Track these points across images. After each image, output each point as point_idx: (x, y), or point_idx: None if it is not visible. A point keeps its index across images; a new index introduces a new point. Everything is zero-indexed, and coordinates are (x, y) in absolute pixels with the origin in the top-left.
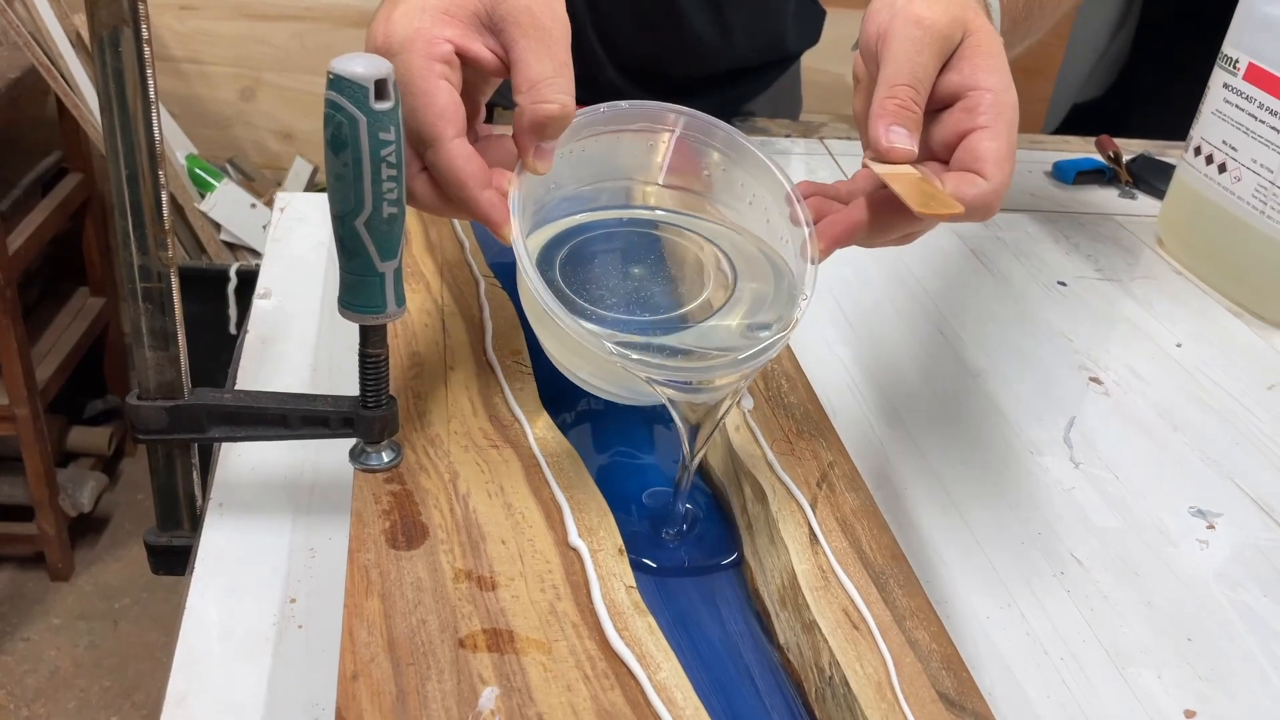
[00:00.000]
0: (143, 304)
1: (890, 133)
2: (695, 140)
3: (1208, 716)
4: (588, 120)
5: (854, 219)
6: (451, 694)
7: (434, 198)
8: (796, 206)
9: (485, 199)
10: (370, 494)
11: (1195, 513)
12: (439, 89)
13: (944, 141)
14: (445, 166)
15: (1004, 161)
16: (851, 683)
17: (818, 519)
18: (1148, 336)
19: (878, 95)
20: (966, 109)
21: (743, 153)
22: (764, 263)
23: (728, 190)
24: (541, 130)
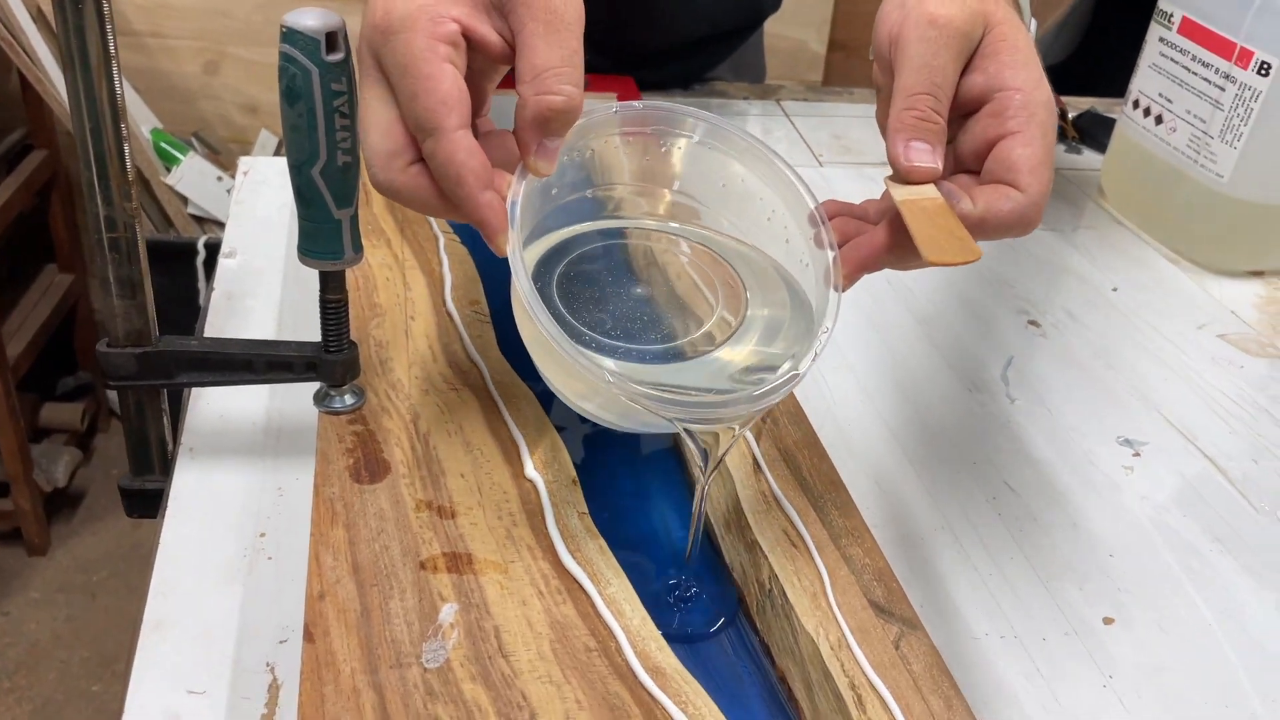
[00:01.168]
0: (109, 253)
1: (910, 150)
2: (714, 149)
3: (1124, 622)
4: (596, 120)
5: (878, 244)
6: (413, 610)
7: (426, 193)
8: (821, 229)
9: (484, 201)
10: (334, 434)
11: (1123, 442)
12: (443, 73)
13: (973, 151)
14: (444, 160)
15: (1040, 169)
16: (789, 594)
17: (761, 450)
18: (1086, 282)
19: (894, 107)
20: (995, 113)
21: (765, 165)
22: (780, 286)
23: (745, 204)
24: (545, 125)
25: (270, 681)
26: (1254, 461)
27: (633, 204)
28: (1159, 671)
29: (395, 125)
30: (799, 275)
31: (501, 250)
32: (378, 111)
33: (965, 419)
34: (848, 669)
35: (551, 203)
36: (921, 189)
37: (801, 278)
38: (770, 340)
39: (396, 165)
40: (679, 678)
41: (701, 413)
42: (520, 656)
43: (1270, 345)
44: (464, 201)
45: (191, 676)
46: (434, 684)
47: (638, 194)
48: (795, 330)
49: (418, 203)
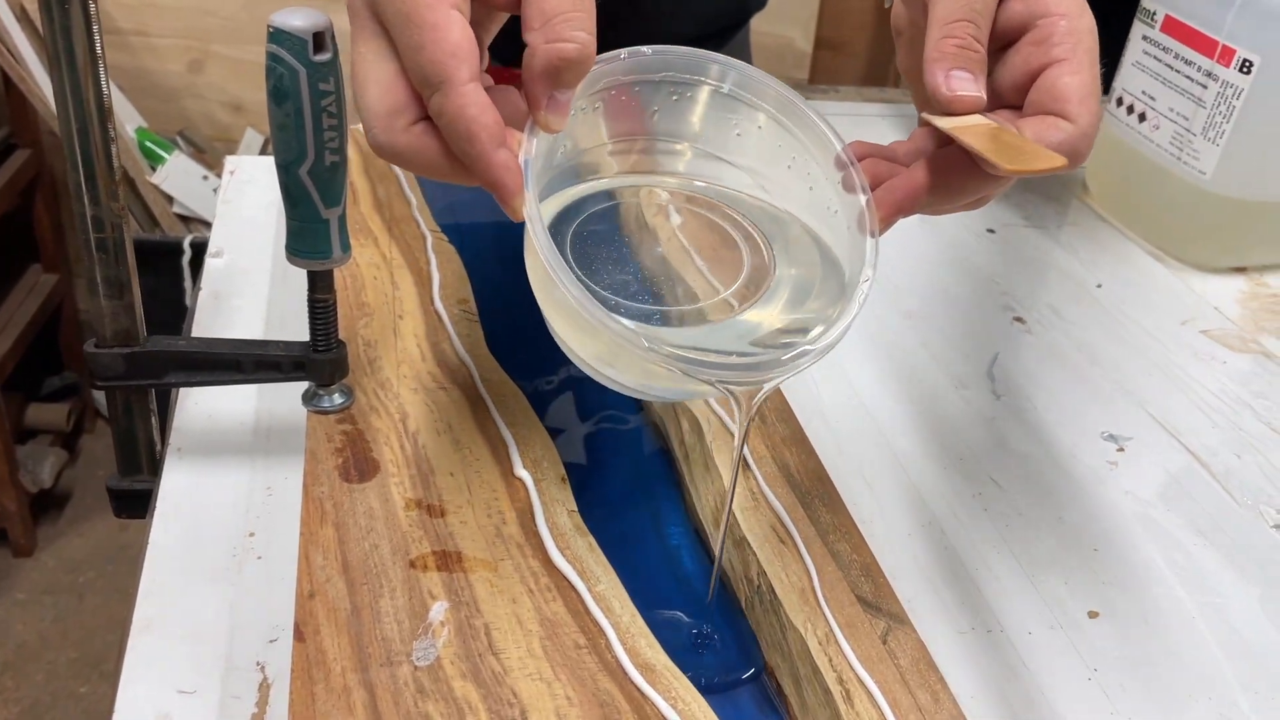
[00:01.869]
0: (97, 254)
1: (952, 78)
2: (728, 93)
3: (1109, 615)
4: (603, 70)
5: (917, 183)
6: (403, 608)
7: (432, 154)
8: (851, 170)
9: (499, 160)
10: (323, 434)
11: (1107, 437)
12: (450, 21)
13: (1014, 83)
14: (455, 115)
15: (1089, 98)
16: (777, 590)
17: (749, 447)
18: (1070, 278)
19: (931, 37)
20: (1037, 41)
21: (783, 107)
22: (805, 240)
23: (762, 150)
24: (557, 75)
25: (261, 680)
26: (1236, 456)
27: (646, 159)
28: (1143, 664)
29: (396, 80)
30: (826, 223)
31: (518, 214)
32: (375, 66)
33: (951, 415)
34: (835, 664)
35: (558, 159)
36: (967, 119)
37: (829, 225)
38: (801, 300)
39: (398, 124)
40: (668, 674)
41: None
42: (510, 654)
43: (1253, 341)
44: (476, 161)
45: (181, 676)
46: (424, 682)
47: (649, 148)
48: (826, 284)
49: (421, 165)
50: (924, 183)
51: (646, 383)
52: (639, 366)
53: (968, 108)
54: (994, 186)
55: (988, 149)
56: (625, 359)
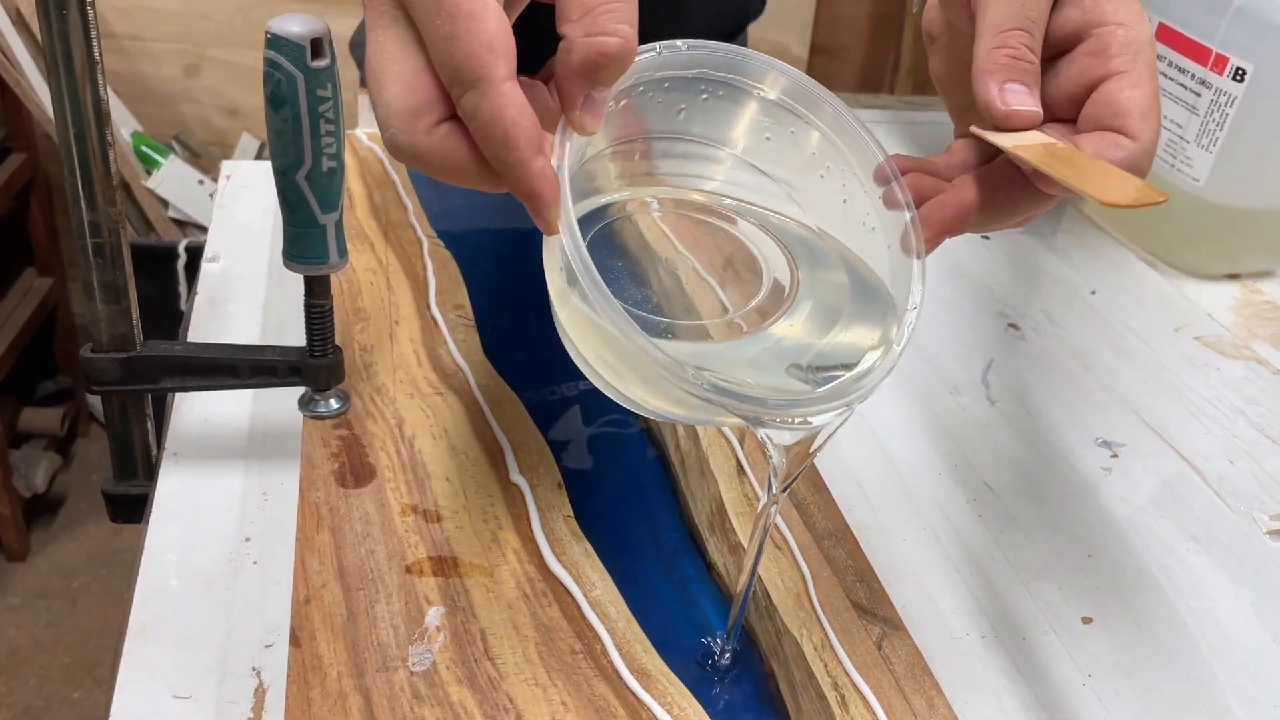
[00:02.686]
0: (94, 259)
1: (1007, 92)
2: (761, 94)
3: (1103, 621)
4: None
5: (966, 201)
6: (400, 614)
7: (459, 158)
8: (894, 185)
9: (537, 168)
10: (319, 439)
11: (1101, 443)
12: (487, 9)
13: (1067, 95)
14: (492, 117)
15: (1151, 113)
16: (773, 595)
17: (744, 452)
18: (1065, 285)
19: (982, 46)
20: (1094, 51)
21: (820, 112)
22: (834, 258)
23: (793, 157)
24: (596, 73)
25: (256, 686)
26: (1230, 462)
27: (669, 163)
28: (1137, 670)
29: (421, 75)
30: (861, 240)
31: (552, 227)
32: (397, 59)
33: (946, 421)
34: (831, 670)
35: (581, 163)
36: (1023, 135)
37: (864, 243)
38: (828, 323)
39: (422, 124)
40: (664, 679)
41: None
42: (506, 659)
43: (1246, 347)
44: (513, 168)
45: (177, 681)
46: (420, 687)
47: (672, 151)
48: (862, 312)
49: (445, 169)
50: (973, 201)
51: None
52: (672, 395)
53: (1025, 123)
54: (1046, 204)
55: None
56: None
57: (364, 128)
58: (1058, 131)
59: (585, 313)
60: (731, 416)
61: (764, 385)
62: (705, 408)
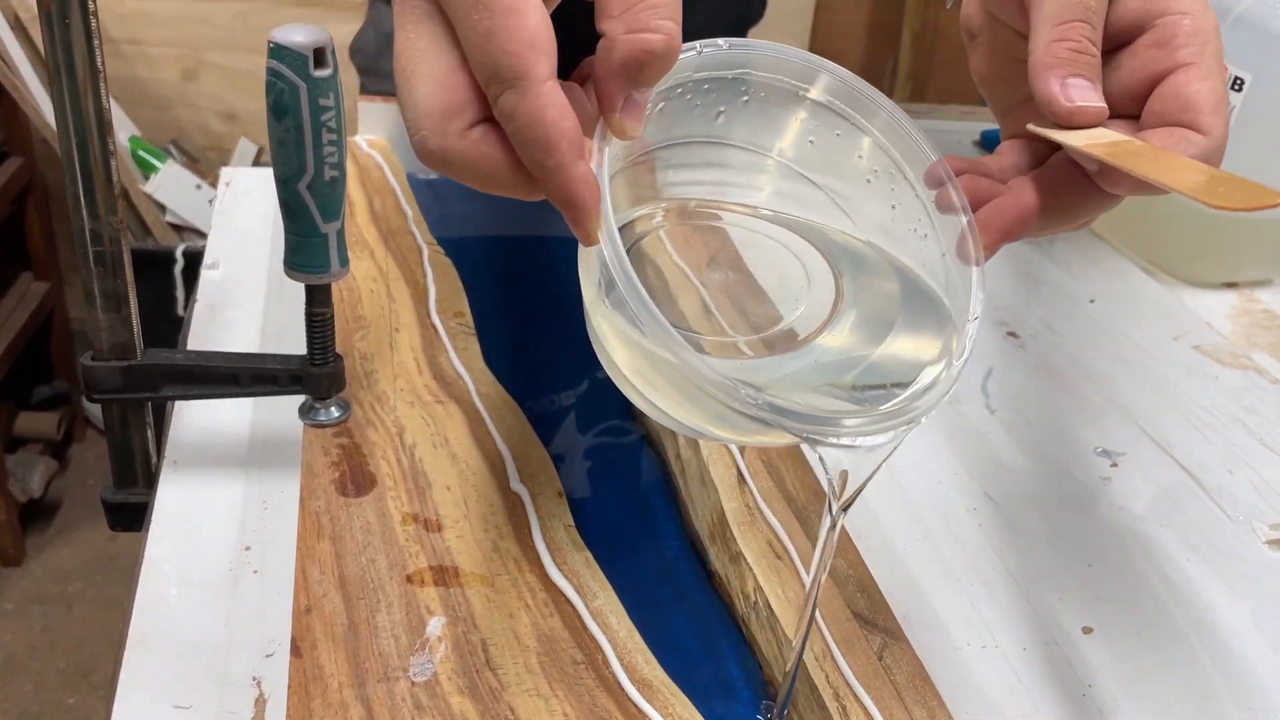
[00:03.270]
0: (95, 267)
1: (1070, 87)
2: (805, 94)
3: (1103, 631)
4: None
5: (1026, 204)
6: (401, 624)
7: (494, 164)
8: (949, 187)
9: (579, 174)
10: (320, 447)
11: (1100, 453)
12: (528, 4)
13: (1129, 89)
14: (533, 119)
15: (1221, 107)
16: (774, 606)
17: (745, 461)
18: (1064, 294)
19: (1040, 39)
20: (1158, 43)
21: (869, 112)
22: (883, 266)
23: (838, 161)
24: (638, 72)
25: (257, 696)
26: (1229, 471)
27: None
28: (1137, 680)
29: (455, 74)
30: (915, 248)
31: (592, 237)
32: (429, 57)
33: (945, 430)
34: (832, 680)
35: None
36: (1089, 133)
37: (916, 251)
38: (879, 335)
39: (455, 127)
40: (666, 690)
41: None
42: (507, 669)
43: (1244, 356)
44: (553, 174)
45: (177, 691)
46: (422, 697)
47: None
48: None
49: (480, 176)
50: (1034, 204)
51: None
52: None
53: (1092, 119)
54: (1110, 205)
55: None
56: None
57: (364, 135)
58: (1123, 128)
59: (621, 325)
60: (779, 435)
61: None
62: (751, 426)
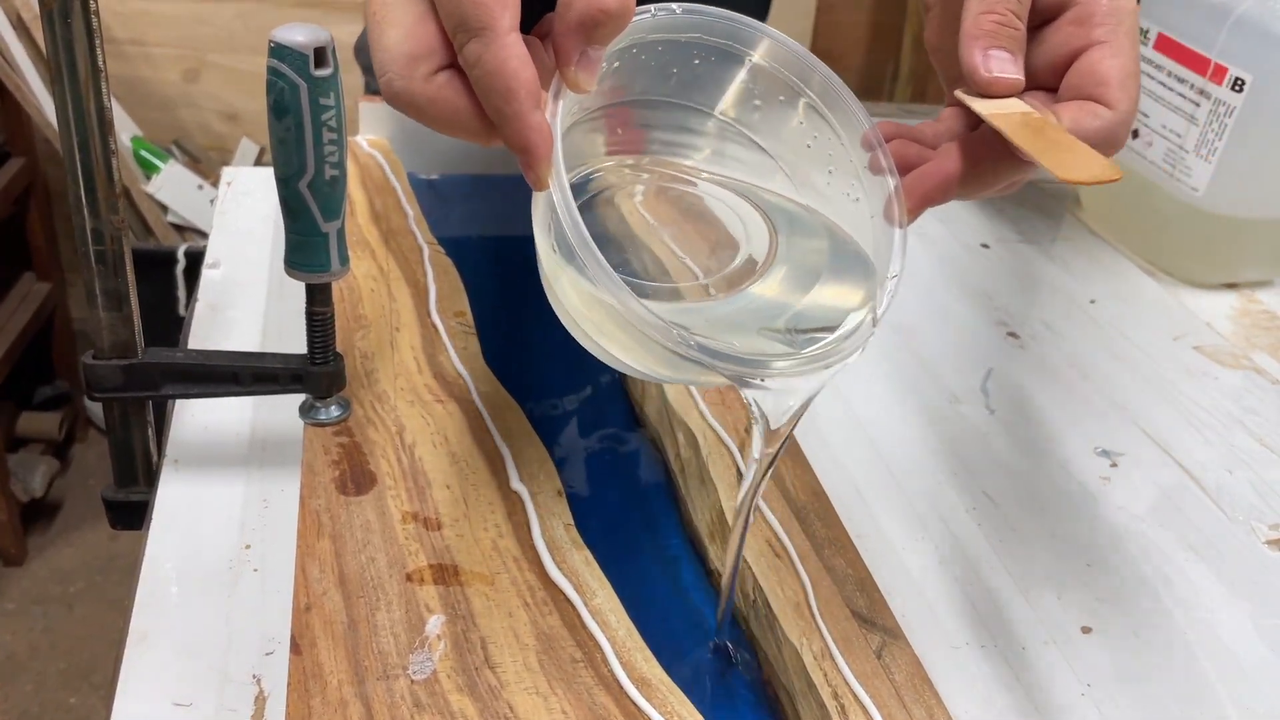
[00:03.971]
0: (96, 266)
1: (990, 58)
2: (755, 60)
3: (1102, 631)
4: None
5: (948, 170)
6: (400, 622)
7: (454, 108)
8: (879, 152)
9: (535, 122)
10: (320, 446)
11: (1100, 453)
12: None
13: (1050, 63)
14: (495, 68)
15: (1129, 82)
16: (772, 604)
17: (745, 461)
18: (1064, 294)
19: (970, 11)
20: (1077, 20)
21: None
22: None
23: (783, 125)
24: (593, 30)
25: (257, 693)
26: (1228, 472)
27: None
28: (1135, 680)
29: (424, 22)
30: (847, 210)
31: (543, 183)
32: (399, 5)
33: (945, 430)
34: (831, 679)
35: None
36: (1004, 103)
37: (848, 213)
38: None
39: (420, 72)
40: (664, 688)
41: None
42: (507, 668)
43: (1244, 357)
44: (511, 120)
45: (177, 689)
46: (421, 695)
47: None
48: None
49: (442, 119)
50: (956, 170)
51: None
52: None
53: (1006, 90)
54: (1028, 172)
55: (1037, 149)
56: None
57: (365, 134)
58: (1040, 99)
59: (570, 272)
60: (714, 376)
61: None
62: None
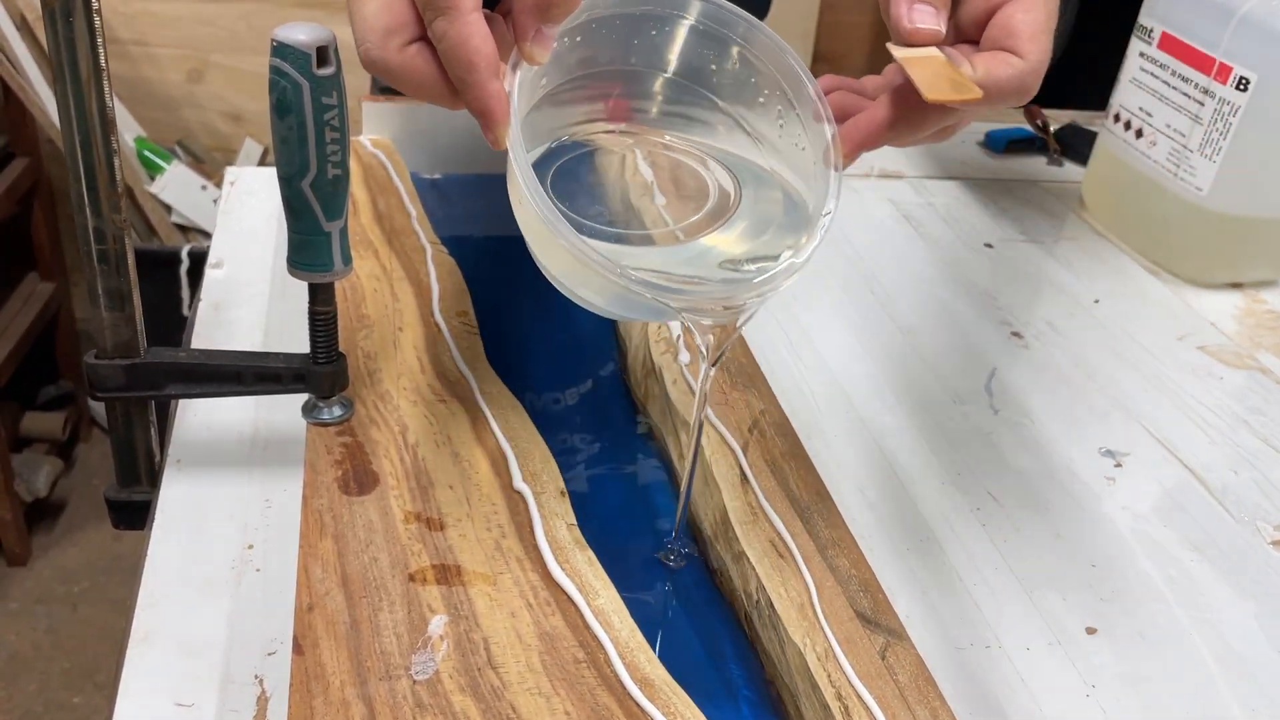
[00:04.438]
0: (98, 265)
1: (914, 11)
2: (708, 30)
3: (1107, 632)
4: (589, 4)
5: (879, 117)
6: (403, 622)
7: (423, 76)
8: (819, 104)
9: (493, 89)
10: (323, 446)
11: (1104, 453)
12: None
13: (973, 19)
14: (457, 43)
15: (1040, 35)
16: (776, 605)
17: (748, 461)
18: (1068, 294)
19: None
20: None
21: (760, 46)
22: (770, 176)
23: (739, 87)
24: (546, 10)
25: (259, 694)
26: (1233, 472)
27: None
28: (1140, 681)
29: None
30: (794, 160)
31: (500, 143)
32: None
33: (949, 430)
34: (834, 680)
35: (538, 93)
36: (922, 51)
37: (795, 162)
38: (761, 231)
39: (394, 42)
40: (667, 689)
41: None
42: (509, 668)
43: (1249, 357)
44: (471, 88)
45: (179, 689)
46: (423, 696)
47: (625, 83)
48: (789, 222)
49: (413, 85)
50: (886, 117)
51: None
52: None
53: (926, 40)
54: (951, 117)
55: (921, 78)
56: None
57: (368, 134)
58: (964, 51)
59: (533, 221)
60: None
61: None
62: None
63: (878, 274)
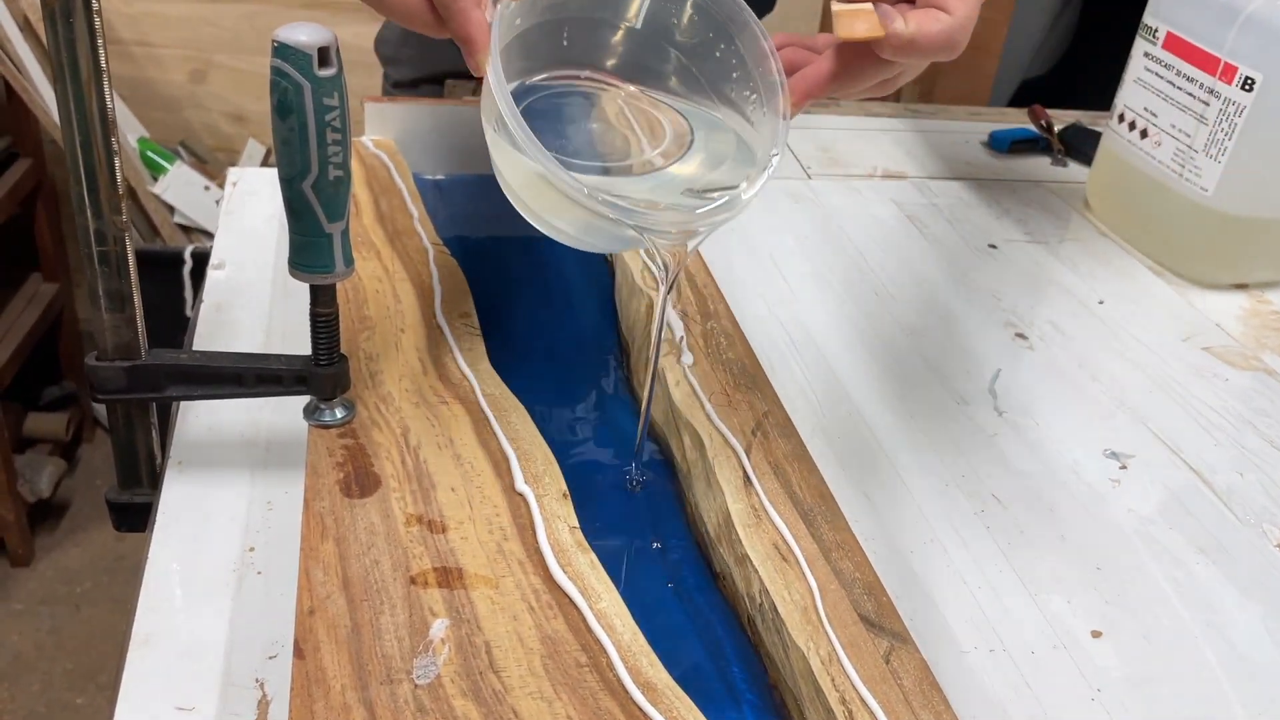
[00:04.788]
0: (99, 267)
1: None
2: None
3: (1112, 635)
4: None
5: (823, 69)
6: (404, 625)
7: (415, 3)
8: (771, 59)
9: (476, 17)
10: (324, 448)
11: (1109, 455)
12: None
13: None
14: None
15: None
16: (779, 608)
17: (751, 463)
18: (1072, 294)
19: None
20: None
21: (719, 2)
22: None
23: (696, 42)
24: None
25: (260, 697)
26: (1239, 474)
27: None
28: (1146, 684)
29: None
30: (746, 108)
31: (481, 68)
32: None
33: (954, 432)
34: (838, 684)
35: (514, 31)
36: (859, 5)
37: (747, 111)
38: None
39: None
40: (670, 693)
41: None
42: (511, 672)
43: (1254, 358)
44: (455, 15)
45: (180, 692)
46: (424, 700)
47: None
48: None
49: (400, 12)
50: (829, 70)
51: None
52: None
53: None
54: (889, 70)
55: (841, 24)
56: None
57: (370, 135)
58: (902, 9)
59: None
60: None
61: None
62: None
63: (881, 275)
